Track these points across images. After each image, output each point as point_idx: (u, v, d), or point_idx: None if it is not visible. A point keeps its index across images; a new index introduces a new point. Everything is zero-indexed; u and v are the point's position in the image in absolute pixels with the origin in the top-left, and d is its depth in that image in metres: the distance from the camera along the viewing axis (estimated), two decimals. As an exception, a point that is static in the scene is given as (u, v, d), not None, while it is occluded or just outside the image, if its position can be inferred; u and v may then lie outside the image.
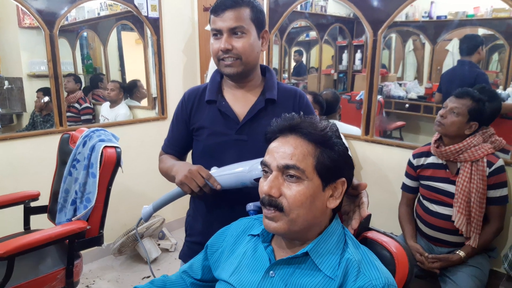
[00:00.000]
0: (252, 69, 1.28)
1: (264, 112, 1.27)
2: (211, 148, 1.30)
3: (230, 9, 1.18)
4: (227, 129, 1.28)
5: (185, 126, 1.36)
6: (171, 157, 1.40)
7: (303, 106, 1.33)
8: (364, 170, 2.52)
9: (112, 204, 1.93)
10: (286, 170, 0.86)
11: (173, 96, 3.12)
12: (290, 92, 1.34)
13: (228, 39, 1.20)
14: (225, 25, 1.19)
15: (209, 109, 1.31)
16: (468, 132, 1.79)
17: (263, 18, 1.26)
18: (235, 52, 1.20)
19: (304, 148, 0.87)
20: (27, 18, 2.59)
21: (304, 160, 0.86)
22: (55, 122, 2.48)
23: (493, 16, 3.10)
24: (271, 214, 0.88)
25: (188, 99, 1.35)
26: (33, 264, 1.76)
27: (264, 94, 1.29)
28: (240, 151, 1.24)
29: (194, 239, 1.41)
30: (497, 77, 3.30)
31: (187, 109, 1.35)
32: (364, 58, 4.13)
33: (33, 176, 2.39)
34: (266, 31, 1.29)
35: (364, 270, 0.84)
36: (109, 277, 2.66)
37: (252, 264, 0.96)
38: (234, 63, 1.22)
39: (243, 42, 1.20)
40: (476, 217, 1.77)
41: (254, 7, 1.23)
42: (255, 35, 1.23)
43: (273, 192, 0.86)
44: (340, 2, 2.43)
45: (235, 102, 1.30)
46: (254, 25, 1.23)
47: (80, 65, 3.05)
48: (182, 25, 3.11)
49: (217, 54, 1.23)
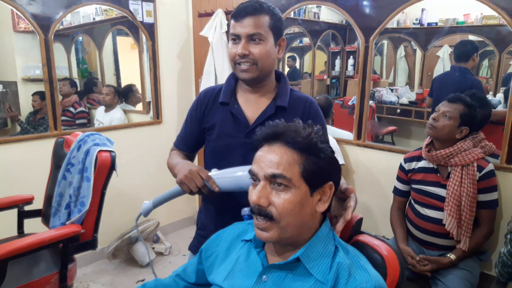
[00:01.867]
0: (267, 75, 1.30)
1: (274, 118, 1.27)
2: (220, 148, 1.33)
3: (250, 16, 1.21)
4: (236, 132, 1.30)
5: (198, 124, 1.39)
6: (179, 154, 1.43)
7: (313, 114, 1.35)
8: (356, 174, 2.55)
9: (107, 208, 1.93)
10: (273, 179, 0.88)
11: (168, 101, 3.13)
12: (301, 100, 1.36)
13: (245, 44, 1.22)
14: (244, 31, 1.22)
15: (222, 110, 1.33)
16: (459, 136, 1.82)
17: (281, 26, 1.29)
18: (251, 58, 1.23)
19: (290, 156, 0.88)
20: (22, 22, 2.59)
21: (290, 168, 0.87)
22: (49, 126, 2.48)
23: (483, 23, 3.16)
24: (262, 225, 0.89)
25: (203, 98, 1.38)
26: (26, 268, 1.76)
27: (276, 100, 1.32)
28: (248, 155, 1.24)
29: (205, 233, 1.40)
30: (487, 83, 3.35)
31: (202, 108, 1.37)
32: (356, 64, 4.17)
33: (27, 180, 2.39)
34: (284, 39, 1.32)
35: (354, 274, 0.86)
36: (103, 281, 2.66)
37: (245, 269, 0.97)
38: (250, 68, 1.24)
39: (260, 49, 1.23)
40: (466, 221, 1.79)
41: (274, 15, 1.25)
42: (272, 42, 1.26)
43: (262, 202, 0.88)
44: (333, 9, 2.46)
45: (247, 106, 1.32)
46: (272, 33, 1.25)
47: (75, 69, 3.05)
48: (177, 31, 3.13)
49: (234, 58, 1.26)
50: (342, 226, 0.98)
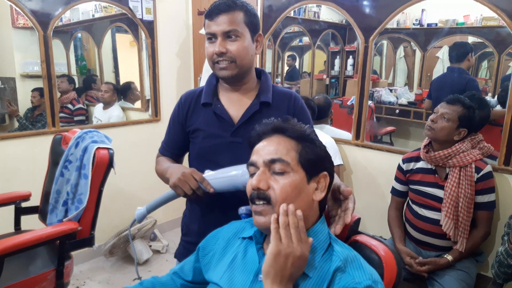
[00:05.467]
0: (246, 72, 1.29)
1: (259, 114, 1.28)
2: (206, 150, 1.31)
3: (223, 13, 1.20)
4: (222, 131, 1.29)
5: (182, 128, 1.37)
6: (167, 159, 1.41)
7: (298, 108, 1.35)
8: (354, 174, 2.55)
9: (104, 206, 1.92)
10: (272, 165, 0.92)
11: (167, 99, 3.13)
12: (285, 95, 1.35)
13: (222, 42, 1.21)
14: (219, 29, 1.20)
15: (205, 111, 1.32)
16: (457, 138, 1.82)
17: (257, 21, 1.28)
18: (229, 55, 1.22)
19: (287, 143, 0.94)
20: (21, 18, 2.58)
21: (288, 154, 0.93)
22: (48, 122, 2.47)
23: (482, 25, 3.17)
24: (260, 208, 0.91)
25: (184, 102, 1.37)
26: (23, 265, 1.75)
27: (259, 97, 1.31)
28: (235, 154, 1.25)
29: (190, 239, 1.42)
30: (486, 84, 3.36)
31: (183, 111, 1.36)
32: (356, 64, 4.18)
33: (25, 177, 2.38)
34: (260, 34, 1.31)
35: (349, 270, 0.86)
36: (100, 278, 2.65)
37: (243, 267, 0.97)
38: (229, 66, 1.23)
39: (237, 45, 1.21)
40: (463, 222, 1.80)
41: (248, 11, 1.24)
42: (249, 38, 1.25)
43: (262, 185, 0.91)
44: (333, 9, 2.46)
45: (230, 105, 1.31)
46: (248, 29, 1.24)
47: (74, 66, 3.05)
48: (176, 28, 3.13)
49: (212, 58, 1.24)
50: (341, 228, 0.98)
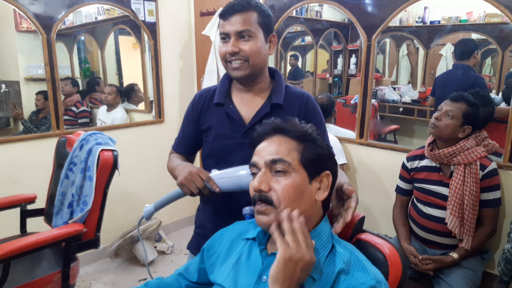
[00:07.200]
0: (259, 72, 1.29)
1: (270, 116, 1.26)
2: (217, 150, 1.32)
3: (238, 13, 1.21)
4: (233, 132, 1.29)
5: (195, 126, 1.38)
6: (179, 156, 1.43)
7: (310, 109, 1.34)
8: (358, 173, 2.54)
9: (109, 207, 1.93)
10: (273, 165, 0.91)
11: (170, 100, 3.14)
12: (297, 95, 1.34)
13: (235, 42, 1.22)
14: (232, 29, 1.21)
15: (218, 111, 1.33)
16: (462, 135, 1.81)
17: (270, 22, 1.28)
18: (242, 55, 1.22)
19: (288, 144, 0.93)
20: (25, 22, 2.60)
21: (289, 154, 0.91)
22: (52, 125, 2.49)
23: (486, 21, 3.15)
24: (262, 208, 0.91)
25: (198, 100, 1.38)
26: (29, 267, 1.76)
27: (271, 98, 1.31)
28: (246, 154, 1.24)
29: (203, 233, 1.40)
30: (490, 81, 3.34)
31: (197, 110, 1.37)
32: (359, 62, 4.16)
33: (30, 179, 2.40)
34: (274, 35, 1.31)
35: (352, 271, 0.86)
36: (106, 280, 2.66)
37: (247, 268, 0.97)
38: (242, 66, 1.24)
39: (250, 45, 1.22)
40: (469, 220, 1.79)
41: (262, 11, 1.25)
42: (262, 39, 1.25)
43: (263, 186, 0.90)
44: (335, 8, 2.45)
45: (242, 106, 1.31)
46: (262, 29, 1.25)
47: (77, 68, 3.06)
48: (179, 30, 3.14)
49: (225, 57, 1.25)
50: (342, 227, 0.98)
